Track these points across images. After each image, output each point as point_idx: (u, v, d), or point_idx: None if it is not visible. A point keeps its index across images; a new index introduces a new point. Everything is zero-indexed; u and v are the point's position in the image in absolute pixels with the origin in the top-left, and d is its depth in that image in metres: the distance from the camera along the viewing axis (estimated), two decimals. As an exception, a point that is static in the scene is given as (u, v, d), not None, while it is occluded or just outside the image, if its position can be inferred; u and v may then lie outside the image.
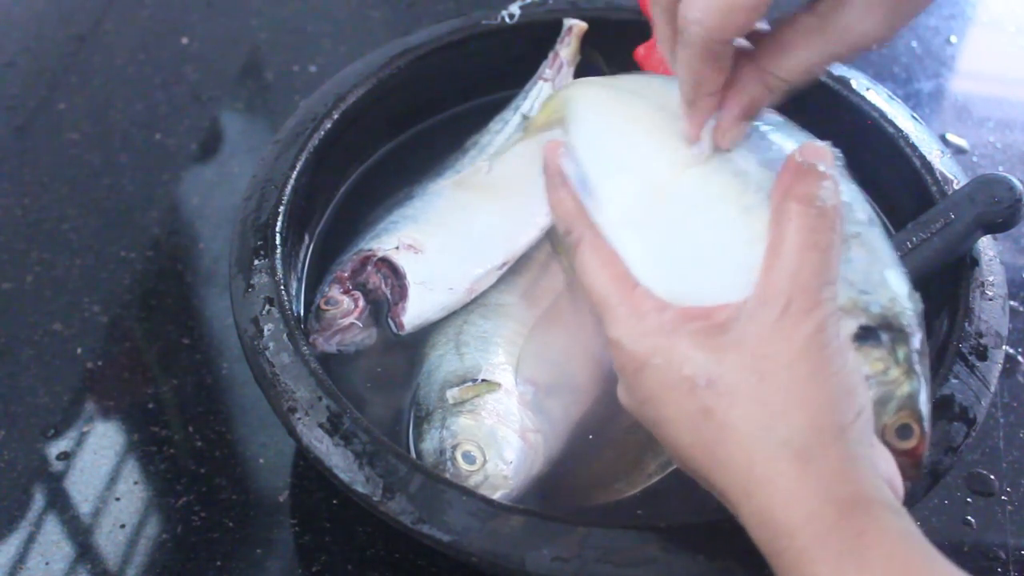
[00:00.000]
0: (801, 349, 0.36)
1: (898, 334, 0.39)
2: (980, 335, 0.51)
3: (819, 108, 0.57)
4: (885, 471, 0.37)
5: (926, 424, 0.39)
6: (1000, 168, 0.81)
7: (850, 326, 0.38)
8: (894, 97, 0.65)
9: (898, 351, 0.39)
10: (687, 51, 0.39)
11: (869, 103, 0.63)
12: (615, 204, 0.44)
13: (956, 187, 0.57)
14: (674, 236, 0.42)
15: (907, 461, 0.39)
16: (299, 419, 0.47)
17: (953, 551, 0.56)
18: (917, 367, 0.39)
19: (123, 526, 0.57)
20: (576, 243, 0.43)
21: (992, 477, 0.60)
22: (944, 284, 0.55)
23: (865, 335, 0.38)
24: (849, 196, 0.41)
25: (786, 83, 0.41)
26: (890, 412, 0.38)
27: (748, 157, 0.42)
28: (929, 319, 0.57)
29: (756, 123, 0.44)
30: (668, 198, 0.43)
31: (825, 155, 0.39)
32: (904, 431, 0.39)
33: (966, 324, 0.51)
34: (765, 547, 0.36)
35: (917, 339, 0.40)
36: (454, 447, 0.52)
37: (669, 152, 0.43)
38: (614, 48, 0.69)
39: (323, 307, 0.58)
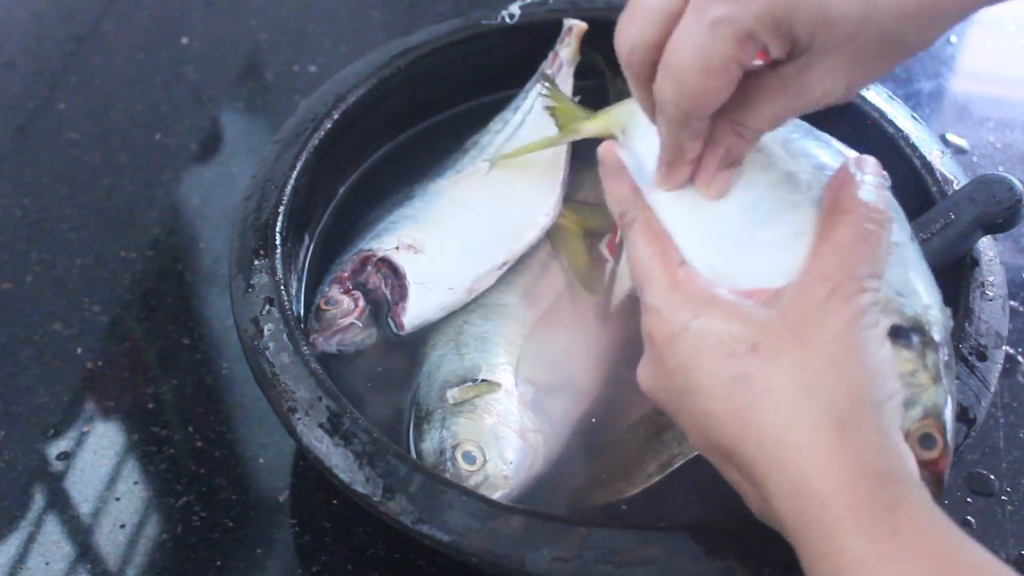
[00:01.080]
0: (844, 328, 0.37)
1: (929, 341, 0.40)
2: (980, 335, 0.51)
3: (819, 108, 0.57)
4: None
5: (950, 437, 0.39)
6: (1000, 168, 0.81)
7: (884, 322, 0.39)
8: (894, 97, 0.65)
9: (927, 357, 0.39)
10: (665, 125, 0.42)
11: (869, 103, 0.63)
12: (668, 194, 0.45)
13: (956, 187, 0.57)
14: (722, 226, 0.43)
15: (927, 475, 0.38)
16: (299, 419, 0.47)
17: (953, 551, 0.56)
18: (945, 379, 0.40)
19: (123, 526, 0.57)
20: (630, 222, 0.44)
21: (992, 477, 0.60)
22: (944, 284, 0.55)
23: (897, 333, 0.39)
24: (894, 212, 0.43)
25: (757, 132, 0.43)
26: (914, 418, 0.38)
27: (798, 160, 0.44)
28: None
29: (799, 130, 0.46)
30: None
31: (876, 167, 0.42)
32: (927, 440, 0.38)
33: (966, 324, 0.51)
34: (793, 519, 0.36)
35: (946, 352, 0.40)
36: (454, 447, 0.52)
37: None
38: (614, 48, 0.69)
39: (323, 307, 0.58)
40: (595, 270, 0.63)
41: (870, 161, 0.42)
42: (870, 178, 0.41)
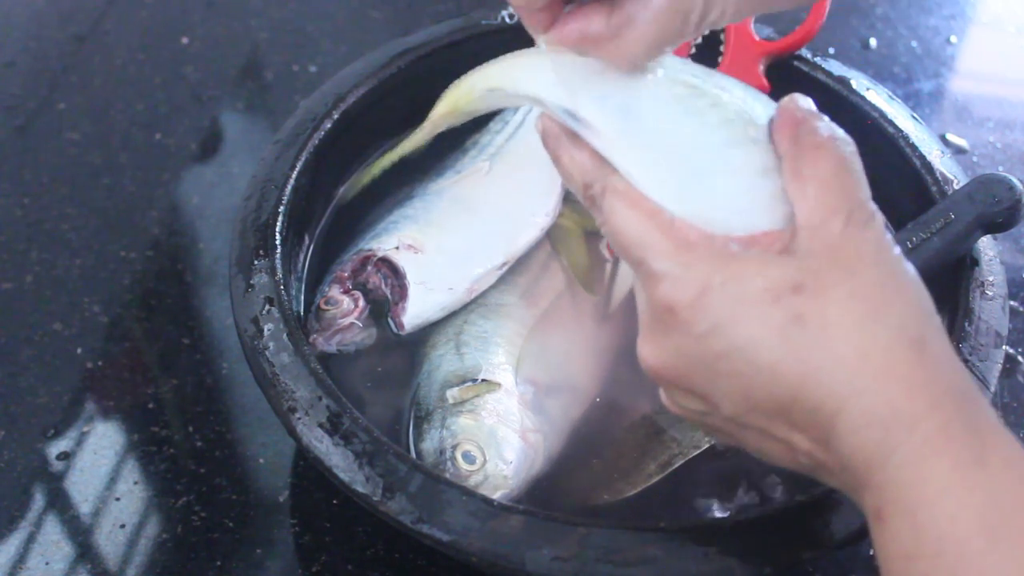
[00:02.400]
0: (876, 250, 0.36)
1: None
2: (980, 335, 0.51)
3: (819, 108, 0.57)
4: None
5: None
6: (1000, 168, 0.81)
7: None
8: (894, 97, 0.65)
9: None
10: None
11: (869, 103, 0.63)
12: (627, 149, 0.41)
13: (956, 187, 0.57)
14: (693, 172, 0.40)
15: None
16: (299, 419, 0.47)
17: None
18: None
19: (123, 526, 0.57)
20: (600, 193, 0.40)
21: (992, 477, 0.60)
22: (944, 284, 0.55)
23: None
24: None
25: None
26: None
27: (740, 98, 0.42)
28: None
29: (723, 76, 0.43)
30: (668, 117, 0.41)
31: (808, 100, 0.40)
32: None
33: (966, 324, 0.51)
34: (869, 453, 0.34)
35: None
36: (454, 447, 0.52)
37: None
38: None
39: (323, 307, 0.58)
40: (595, 270, 0.63)
41: (805, 98, 0.40)
42: (815, 113, 0.40)
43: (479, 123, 0.69)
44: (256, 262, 0.54)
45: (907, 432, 0.33)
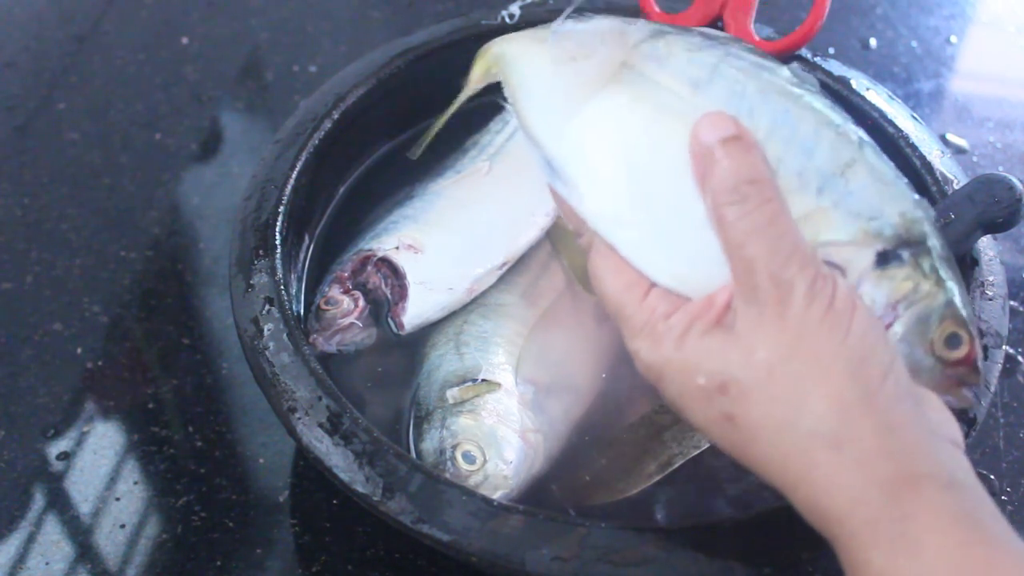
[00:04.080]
0: (795, 334, 0.35)
1: (918, 246, 0.38)
2: (980, 335, 0.51)
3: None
4: (936, 421, 0.36)
5: (972, 327, 0.38)
6: (1000, 168, 0.81)
7: (867, 255, 0.37)
8: (894, 97, 0.65)
9: (923, 263, 0.38)
10: None
11: (869, 103, 0.63)
12: (593, 191, 0.41)
13: (956, 187, 0.57)
14: (660, 207, 0.40)
15: (964, 369, 0.38)
16: (299, 419, 0.47)
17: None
18: (946, 273, 0.38)
19: (123, 526, 0.57)
20: (587, 247, 0.43)
21: (992, 477, 0.60)
22: (944, 284, 0.55)
23: (886, 258, 0.38)
24: (830, 123, 0.40)
25: None
26: (933, 326, 0.37)
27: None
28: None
29: (703, 57, 0.41)
30: (641, 164, 0.41)
31: (724, 124, 0.38)
32: (953, 340, 0.37)
33: (966, 324, 0.51)
34: (819, 529, 0.36)
35: (938, 245, 0.39)
36: (454, 447, 0.52)
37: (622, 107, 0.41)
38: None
39: (323, 307, 0.58)
40: (595, 270, 0.63)
41: (714, 121, 0.38)
42: (722, 144, 0.37)
43: (479, 123, 0.69)
44: (256, 262, 0.54)
45: (838, 526, 0.34)
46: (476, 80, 0.52)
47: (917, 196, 0.39)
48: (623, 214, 0.40)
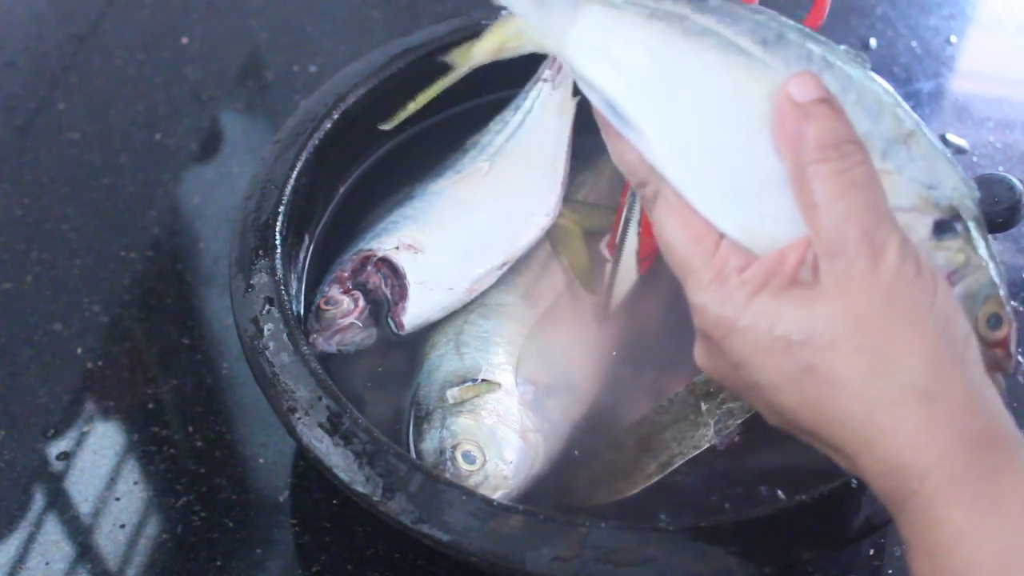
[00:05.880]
0: (888, 290, 0.35)
1: (969, 221, 0.38)
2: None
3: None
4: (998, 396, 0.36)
5: (1008, 308, 0.38)
6: (1000, 168, 0.81)
7: (925, 223, 0.38)
8: (894, 97, 0.65)
9: (973, 238, 0.38)
10: None
11: (869, 103, 0.63)
12: (663, 135, 0.40)
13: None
14: (731, 175, 0.39)
15: (1000, 352, 0.38)
16: (299, 419, 0.47)
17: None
18: (991, 252, 0.39)
19: (123, 526, 0.57)
20: (652, 197, 0.41)
21: (992, 477, 0.60)
22: (944, 284, 0.55)
23: (942, 228, 0.38)
24: (888, 95, 0.40)
25: None
26: (979, 304, 0.38)
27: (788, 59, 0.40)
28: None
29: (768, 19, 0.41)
30: (716, 109, 0.40)
31: (815, 84, 0.37)
32: (994, 320, 0.38)
33: (966, 324, 0.51)
34: (890, 496, 0.35)
35: (982, 223, 0.39)
36: (454, 447, 0.52)
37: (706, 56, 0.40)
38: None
39: (323, 307, 0.58)
40: (595, 270, 0.63)
41: (806, 80, 0.37)
42: (816, 104, 0.37)
43: (479, 123, 0.69)
44: (256, 262, 0.54)
45: (918, 482, 0.34)
46: (485, 53, 0.49)
47: (964, 174, 0.40)
48: (694, 160, 0.40)
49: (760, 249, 0.38)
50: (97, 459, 0.60)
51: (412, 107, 0.51)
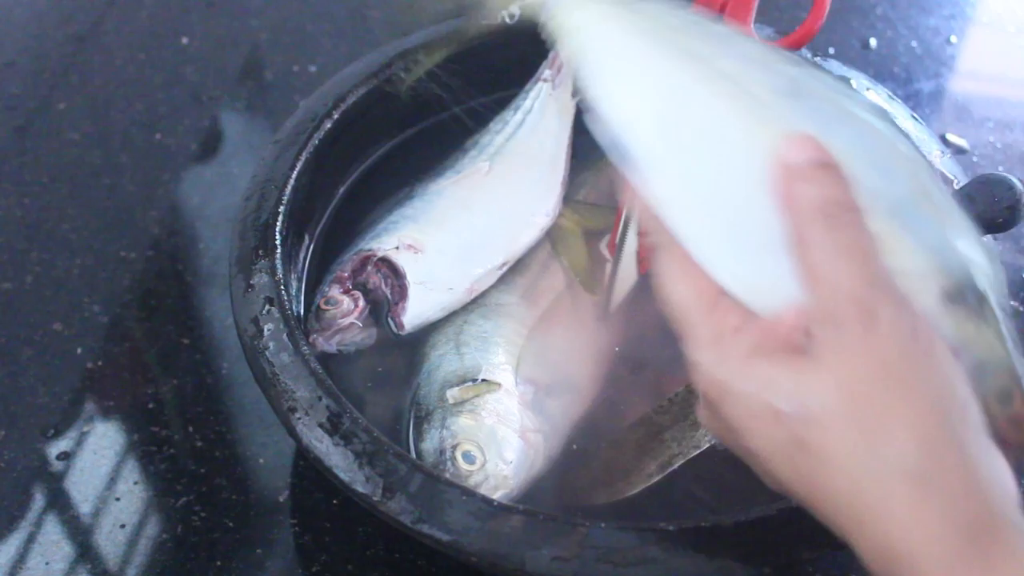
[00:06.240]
0: (881, 361, 0.33)
1: (982, 292, 0.37)
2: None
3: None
4: (1001, 466, 0.34)
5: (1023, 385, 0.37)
6: (1000, 168, 0.81)
7: (933, 289, 0.36)
8: (894, 97, 0.65)
9: (985, 311, 0.37)
10: None
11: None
12: (664, 176, 0.39)
13: (956, 187, 0.57)
14: (737, 207, 0.38)
15: (1012, 428, 0.36)
16: (299, 419, 0.47)
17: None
18: (1006, 327, 0.37)
19: (123, 526, 0.57)
20: (656, 247, 0.40)
21: (992, 477, 0.60)
22: (944, 284, 0.55)
23: (951, 296, 0.36)
24: (908, 149, 0.39)
25: None
26: (989, 378, 0.36)
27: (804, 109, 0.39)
28: (929, 319, 0.57)
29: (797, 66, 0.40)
30: (723, 148, 0.39)
31: (813, 147, 0.36)
32: (1005, 396, 0.36)
33: (966, 324, 0.51)
34: (882, 573, 0.34)
35: (999, 296, 0.38)
36: (454, 447, 0.52)
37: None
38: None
39: (323, 307, 0.58)
40: (595, 270, 0.63)
41: (802, 142, 0.36)
42: (812, 168, 0.36)
43: (479, 123, 0.69)
44: (256, 262, 0.54)
45: (908, 567, 0.32)
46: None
47: (987, 247, 0.38)
48: (696, 207, 0.39)
49: (761, 307, 0.37)
50: (97, 459, 0.60)
51: (429, 62, 0.50)
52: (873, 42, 0.92)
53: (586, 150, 0.67)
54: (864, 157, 0.38)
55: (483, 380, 0.55)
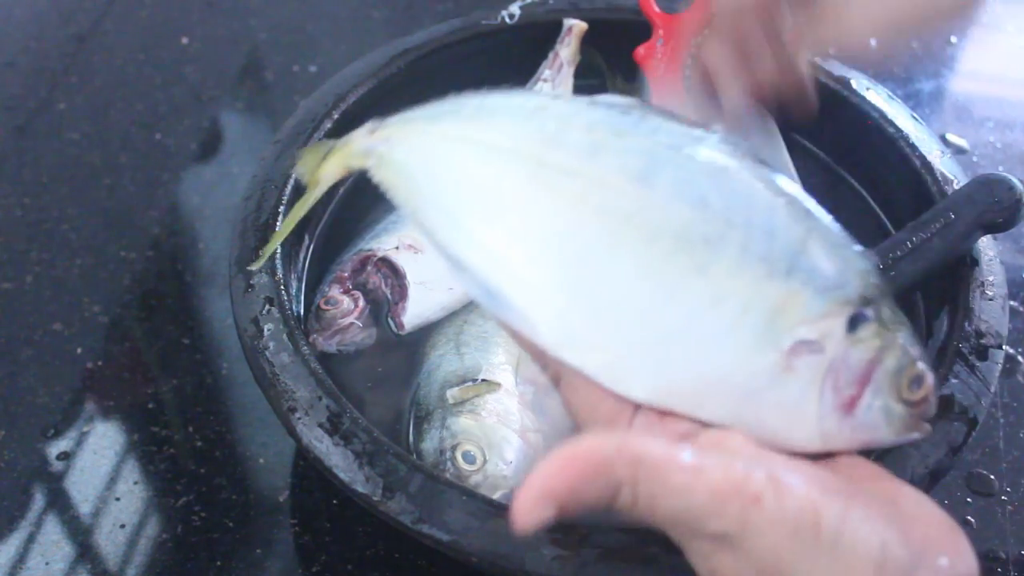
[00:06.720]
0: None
1: (876, 300, 0.38)
2: (980, 335, 0.51)
3: (819, 108, 0.57)
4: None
5: (926, 362, 0.38)
6: (1000, 168, 0.81)
7: (840, 324, 0.36)
8: (894, 97, 0.65)
9: (883, 315, 0.38)
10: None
11: (869, 103, 0.63)
12: (547, 314, 0.37)
13: (956, 187, 0.57)
14: (626, 318, 0.37)
15: (925, 406, 0.38)
16: (299, 419, 0.47)
17: (953, 551, 0.55)
18: (899, 317, 0.38)
19: (123, 526, 0.57)
20: (555, 380, 0.39)
21: (992, 477, 0.60)
22: (944, 284, 0.55)
23: (855, 322, 0.37)
24: (783, 182, 0.38)
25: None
26: (902, 374, 0.37)
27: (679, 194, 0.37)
28: (929, 319, 0.58)
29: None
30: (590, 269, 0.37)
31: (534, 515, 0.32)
32: (916, 381, 0.37)
33: (966, 324, 0.51)
34: None
35: (886, 291, 0.38)
36: (454, 447, 0.52)
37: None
38: (614, 48, 0.69)
39: (323, 307, 0.58)
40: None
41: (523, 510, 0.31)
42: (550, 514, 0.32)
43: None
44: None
45: None
46: (332, 177, 0.46)
47: (860, 247, 0.39)
48: (584, 334, 0.37)
49: (681, 408, 0.36)
50: (97, 459, 0.60)
51: (276, 240, 0.50)
52: (873, 41, 0.92)
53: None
54: (745, 221, 0.37)
55: (483, 380, 0.55)
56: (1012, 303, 0.68)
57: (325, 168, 0.44)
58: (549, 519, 0.31)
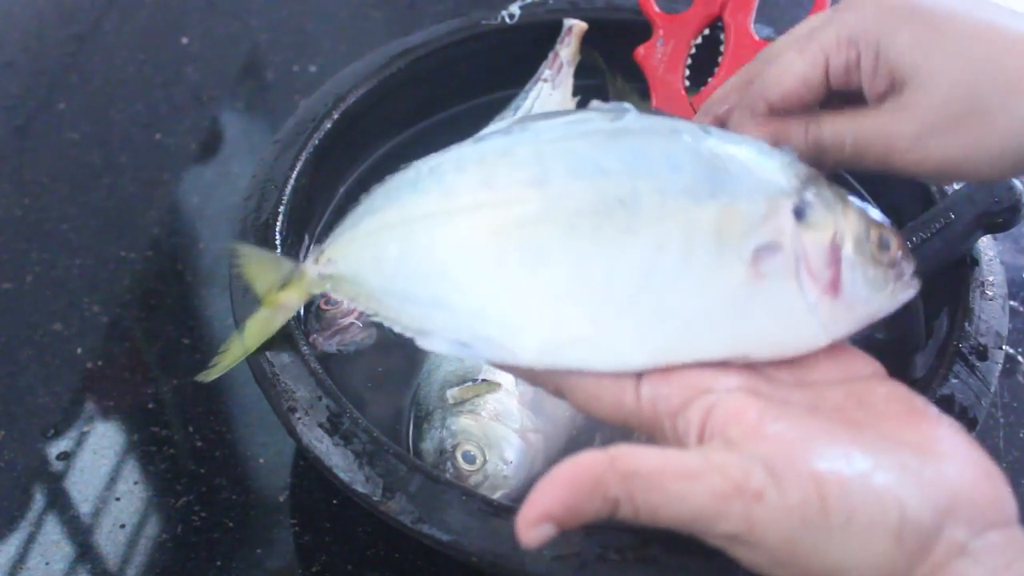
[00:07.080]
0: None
1: (812, 185, 0.38)
2: (980, 335, 0.51)
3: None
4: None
5: (884, 220, 0.39)
6: (1000, 168, 0.81)
7: (788, 219, 0.37)
8: (894, 97, 0.65)
9: (824, 195, 0.38)
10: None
11: (869, 103, 0.63)
12: (522, 337, 0.38)
13: (956, 187, 0.57)
14: (594, 301, 0.37)
15: (902, 261, 0.39)
16: (299, 419, 0.47)
17: (953, 551, 0.55)
18: (840, 191, 0.39)
19: (123, 526, 0.57)
20: (557, 393, 0.39)
21: (992, 477, 0.60)
22: (944, 284, 0.55)
23: (801, 211, 0.37)
24: (667, 122, 0.40)
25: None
26: (866, 241, 0.38)
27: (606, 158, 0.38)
28: (929, 319, 0.58)
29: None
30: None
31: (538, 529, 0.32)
32: (884, 242, 0.38)
33: (966, 324, 0.51)
34: None
35: (816, 173, 0.39)
36: (454, 447, 0.52)
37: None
38: (614, 48, 0.69)
39: (323, 307, 0.58)
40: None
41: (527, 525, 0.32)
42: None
43: (479, 123, 0.69)
44: (256, 262, 0.54)
45: None
46: (295, 305, 0.48)
47: (771, 145, 0.40)
48: (558, 336, 0.38)
49: (684, 357, 0.37)
50: (97, 459, 0.60)
51: (234, 357, 0.50)
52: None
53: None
54: (651, 170, 0.38)
55: (483, 380, 0.55)
56: (1012, 303, 0.68)
57: (286, 297, 0.47)
58: (552, 535, 0.32)
